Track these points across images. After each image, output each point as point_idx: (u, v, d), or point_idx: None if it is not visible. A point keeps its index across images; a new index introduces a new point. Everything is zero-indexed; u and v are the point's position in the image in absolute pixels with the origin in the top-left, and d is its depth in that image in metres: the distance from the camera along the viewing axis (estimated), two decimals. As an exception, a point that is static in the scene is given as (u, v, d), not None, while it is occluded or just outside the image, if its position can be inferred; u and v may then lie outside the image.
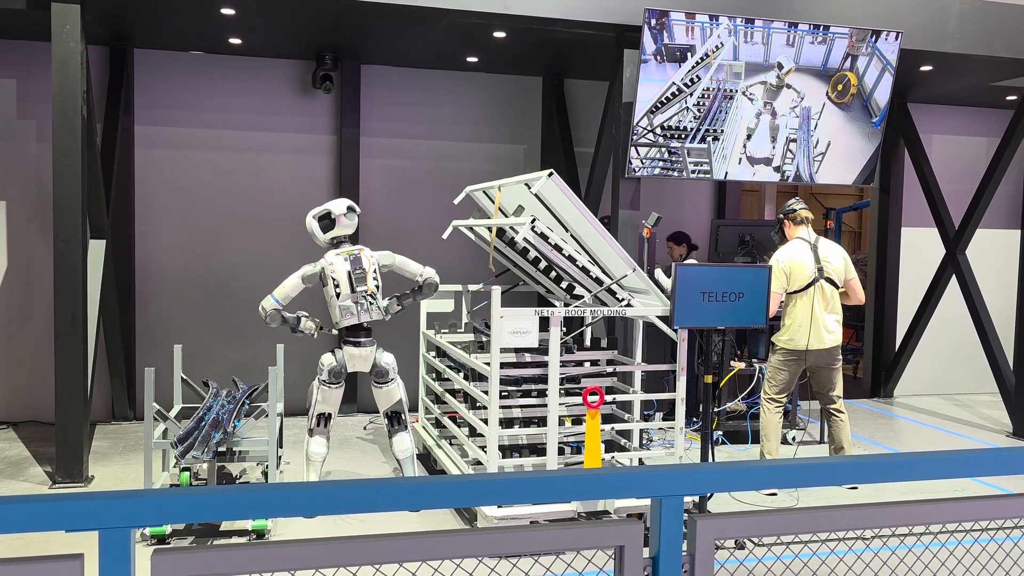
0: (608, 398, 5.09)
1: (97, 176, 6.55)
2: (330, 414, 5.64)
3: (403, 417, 5.77)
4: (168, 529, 4.80)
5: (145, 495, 1.54)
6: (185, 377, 5.77)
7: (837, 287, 5.85)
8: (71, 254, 5.78)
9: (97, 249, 6.63)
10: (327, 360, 5.60)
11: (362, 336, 5.59)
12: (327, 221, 5.60)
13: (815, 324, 5.76)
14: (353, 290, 5.51)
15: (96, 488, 5.80)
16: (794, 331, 5.82)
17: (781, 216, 6.05)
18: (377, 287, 5.59)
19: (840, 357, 5.94)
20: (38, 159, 7.50)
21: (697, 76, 6.57)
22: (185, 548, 1.56)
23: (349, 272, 5.51)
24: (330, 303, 5.59)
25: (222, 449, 5.05)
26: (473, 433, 5.55)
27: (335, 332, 5.69)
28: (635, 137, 6.52)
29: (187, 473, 5.24)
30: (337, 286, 5.51)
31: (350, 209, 5.62)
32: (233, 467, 5.99)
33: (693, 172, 6.79)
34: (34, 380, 7.53)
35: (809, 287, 5.78)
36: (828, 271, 5.81)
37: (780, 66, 6.62)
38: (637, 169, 6.60)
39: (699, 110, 6.64)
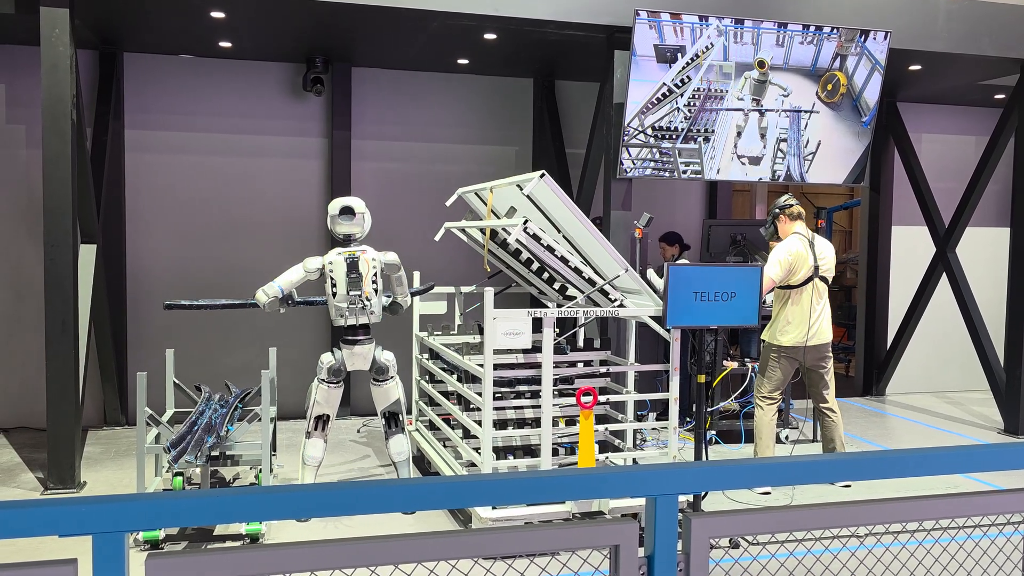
0: (601, 398, 5.09)
1: (87, 181, 6.52)
2: (328, 416, 5.63)
3: (400, 419, 5.76)
4: (162, 534, 4.78)
5: (139, 499, 1.53)
6: (177, 382, 5.75)
7: (828, 284, 5.89)
8: (61, 259, 5.75)
9: (88, 254, 6.60)
10: (326, 359, 5.59)
11: (360, 334, 5.58)
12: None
13: (815, 320, 5.79)
14: (348, 292, 5.49)
15: (88, 494, 5.77)
16: (793, 327, 5.83)
17: (776, 211, 6.05)
18: (376, 290, 5.57)
19: (831, 355, 5.96)
20: (28, 164, 7.47)
21: (688, 77, 6.59)
22: (180, 552, 1.56)
23: (346, 274, 5.50)
24: (328, 300, 5.59)
25: (215, 453, 5.04)
26: (467, 435, 5.55)
27: (282, 311, 5.65)
28: (626, 138, 6.53)
29: (180, 478, 5.22)
30: (334, 285, 5.50)
31: (343, 211, 5.53)
32: (226, 471, 5.97)
33: (684, 172, 6.80)
34: (25, 386, 7.49)
35: (807, 283, 5.82)
36: (823, 268, 5.85)
37: (761, 63, 6.65)
38: (628, 170, 6.62)
39: (690, 110, 6.66)
